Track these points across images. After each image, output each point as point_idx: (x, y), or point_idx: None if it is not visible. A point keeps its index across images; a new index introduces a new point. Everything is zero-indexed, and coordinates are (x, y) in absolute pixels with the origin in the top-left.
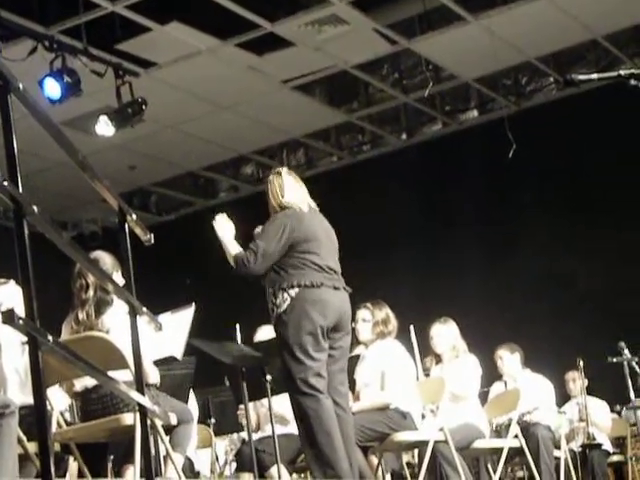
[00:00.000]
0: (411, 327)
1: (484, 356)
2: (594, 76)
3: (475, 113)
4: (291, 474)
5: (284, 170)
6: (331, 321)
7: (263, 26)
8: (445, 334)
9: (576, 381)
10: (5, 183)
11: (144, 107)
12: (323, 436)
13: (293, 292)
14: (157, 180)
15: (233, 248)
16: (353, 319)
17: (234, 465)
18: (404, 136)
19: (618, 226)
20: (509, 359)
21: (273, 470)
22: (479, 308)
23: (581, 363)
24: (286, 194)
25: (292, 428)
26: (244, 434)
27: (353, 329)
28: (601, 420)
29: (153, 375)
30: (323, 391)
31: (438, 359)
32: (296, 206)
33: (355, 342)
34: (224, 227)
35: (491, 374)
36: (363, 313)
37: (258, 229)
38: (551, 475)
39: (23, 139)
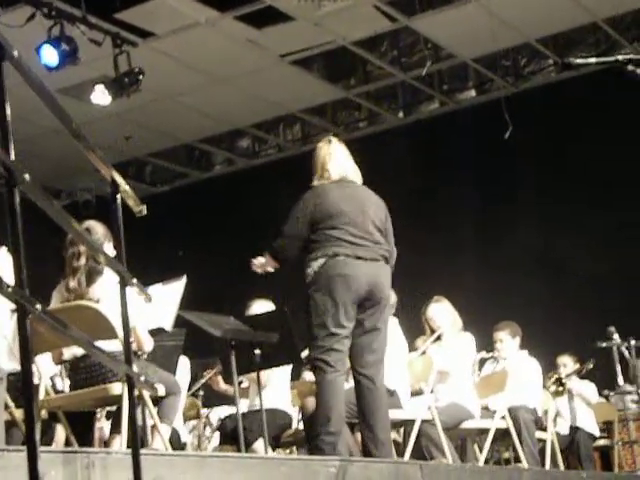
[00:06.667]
0: None
1: (475, 337)
2: (592, 60)
3: (473, 93)
4: (274, 449)
5: (334, 139)
6: (357, 293)
7: None
8: (442, 311)
9: (567, 365)
10: None
11: (141, 77)
12: (323, 410)
13: (316, 265)
14: (152, 151)
15: (268, 252)
16: None
17: (217, 438)
18: (401, 114)
19: (615, 208)
20: (509, 342)
21: (255, 445)
22: (473, 289)
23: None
24: (330, 165)
25: (279, 403)
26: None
27: None
28: (587, 394)
29: (148, 343)
30: (334, 365)
31: (437, 340)
32: (327, 180)
33: None
34: (262, 263)
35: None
36: None
37: None
38: (534, 457)
39: (18, 106)
